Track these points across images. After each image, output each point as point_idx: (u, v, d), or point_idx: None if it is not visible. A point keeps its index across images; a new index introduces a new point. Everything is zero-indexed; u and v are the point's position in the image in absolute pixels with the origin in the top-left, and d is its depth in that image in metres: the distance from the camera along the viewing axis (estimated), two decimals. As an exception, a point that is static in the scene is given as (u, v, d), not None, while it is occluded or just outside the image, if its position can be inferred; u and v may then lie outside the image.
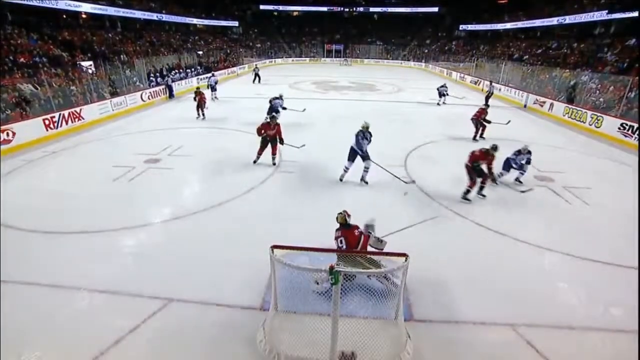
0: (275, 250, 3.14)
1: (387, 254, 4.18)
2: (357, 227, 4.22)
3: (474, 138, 10.94)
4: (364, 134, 7.08)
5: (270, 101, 12.05)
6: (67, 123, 11.26)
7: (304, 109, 12.96)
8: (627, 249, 5.20)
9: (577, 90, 15.17)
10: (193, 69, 23.24)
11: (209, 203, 6.33)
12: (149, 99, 15.94)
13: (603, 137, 11.54)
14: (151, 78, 18.28)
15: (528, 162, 7.30)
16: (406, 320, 3.64)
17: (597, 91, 14.64)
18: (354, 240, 4.09)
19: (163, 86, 17.61)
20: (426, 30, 46.55)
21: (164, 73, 19.86)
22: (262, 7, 48.16)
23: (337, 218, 4.29)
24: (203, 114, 13.11)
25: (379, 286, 3.65)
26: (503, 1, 38.00)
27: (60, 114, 11.01)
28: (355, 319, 3.40)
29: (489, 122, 10.73)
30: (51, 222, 5.69)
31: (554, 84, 17.19)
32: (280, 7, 49.44)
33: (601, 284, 4.50)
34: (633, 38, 19.57)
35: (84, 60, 17.66)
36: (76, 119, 11.66)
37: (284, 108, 12.23)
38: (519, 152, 7.27)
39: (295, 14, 51.30)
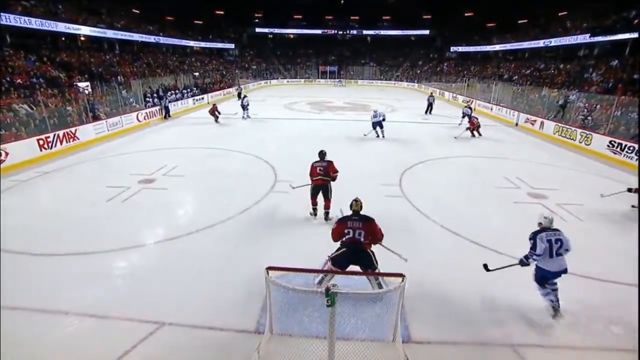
0: (270, 271, 3.09)
1: (385, 274, 4.14)
2: (374, 220, 4.15)
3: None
4: None
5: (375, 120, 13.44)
6: (61, 143, 11.24)
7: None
8: (622, 265, 5.20)
9: (567, 108, 15.56)
10: (189, 90, 23.54)
11: (203, 224, 6.27)
12: (144, 119, 16.04)
13: (593, 155, 11.76)
14: (147, 99, 18.45)
15: None
16: (404, 341, 3.56)
17: (585, 110, 15.04)
18: (378, 233, 4.11)
19: (159, 107, 17.76)
20: (418, 51, 47.99)
21: (160, 94, 20.08)
22: (257, 29, 49.52)
23: (351, 205, 4.24)
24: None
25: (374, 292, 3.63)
26: (491, 24, 39.50)
27: (54, 134, 11.00)
28: (352, 341, 3.32)
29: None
30: (40, 243, 5.58)
31: (543, 103, 17.64)
32: (276, 30, 50.87)
33: (599, 301, 4.46)
34: (616, 59, 20.36)
35: (81, 81, 17.83)
36: (71, 139, 11.65)
37: (383, 119, 13.57)
38: None
39: (290, 36, 52.71)
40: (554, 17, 31.07)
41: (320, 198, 6.47)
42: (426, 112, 20.23)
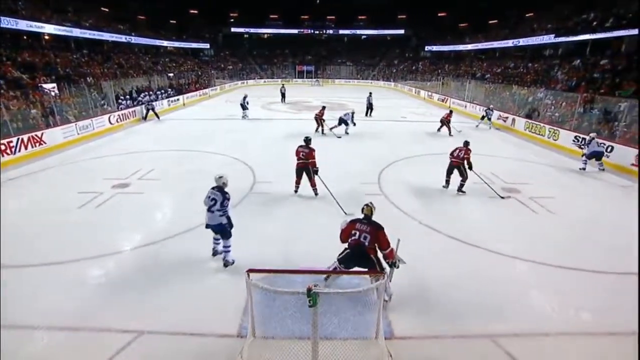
0: (251, 274, 3.06)
1: (365, 272, 4.18)
2: (383, 229, 4.05)
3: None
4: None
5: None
6: (26, 148, 10.67)
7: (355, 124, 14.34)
8: (591, 253, 5.49)
9: (538, 109, 16.16)
10: (164, 91, 22.89)
11: (181, 228, 6.12)
12: (117, 121, 15.46)
13: (560, 149, 12.33)
14: (120, 100, 17.81)
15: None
16: (387, 338, 3.61)
17: (553, 107, 15.74)
18: (383, 242, 3.99)
19: (133, 108, 17.14)
20: (394, 51, 48.75)
21: (134, 95, 19.44)
22: (233, 29, 48.81)
23: (362, 209, 4.23)
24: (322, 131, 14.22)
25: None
26: (464, 25, 40.66)
27: (18, 139, 10.42)
28: (336, 340, 3.33)
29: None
30: (9, 254, 5.25)
31: (514, 101, 18.33)
32: (252, 30, 50.31)
33: (570, 288, 4.68)
34: (578, 59, 21.47)
35: (46, 83, 16.99)
36: (37, 144, 11.08)
37: (354, 124, 14.12)
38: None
39: (266, 36, 52.29)
40: (522, 18, 32.35)
41: (305, 179, 7.40)
42: (366, 114, 18.72)
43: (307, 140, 7.50)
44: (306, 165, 7.21)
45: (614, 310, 4.23)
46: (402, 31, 48.77)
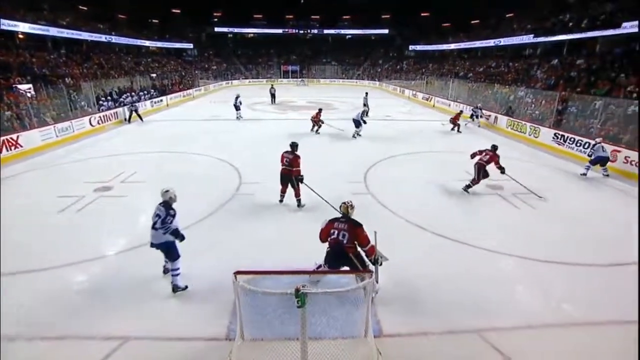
0: (238, 276, 3.03)
1: (352, 272, 4.19)
2: (361, 226, 4.05)
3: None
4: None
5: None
6: (0, 151, 10.27)
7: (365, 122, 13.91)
8: (573, 247, 5.67)
9: (515, 105, 16.74)
10: (146, 92, 22.43)
11: (167, 230, 6.00)
12: (98, 123, 15.05)
13: (541, 146, 12.67)
14: (101, 102, 17.35)
15: None
16: (376, 336, 3.63)
17: (533, 105, 16.17)
18: (363, 239, 4.01)
19: (115, 110, 16.68)
20: (378, 50, 49.10)
21: (115, 96, 18.97)
22: (217, 29, 48.24)
23: (340, 207, 4.28)
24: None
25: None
26: (447, 24, 41.31)
27: (-7, 142, 10.05)
28: (325, 340, 3.34)
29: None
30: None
31: (496, 99, 18.73)
32: (236, 30, 49.82)
33: (556, 282, 4.81)
34: (556, 58, 22.13)
35: (21, 83, 16.39)
36: (12, 147, 10.69)
37: (364, 122, 13.57)
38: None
39: (250, 36, 51.89)
40: (502, 18, 33.09)
41: (290, 188, 6.96)
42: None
43: (293, 145, 6.96)
44: (290, 172, 6.75)
45: (601, 302, 4.37)
46: (386, 31, 49.21)
